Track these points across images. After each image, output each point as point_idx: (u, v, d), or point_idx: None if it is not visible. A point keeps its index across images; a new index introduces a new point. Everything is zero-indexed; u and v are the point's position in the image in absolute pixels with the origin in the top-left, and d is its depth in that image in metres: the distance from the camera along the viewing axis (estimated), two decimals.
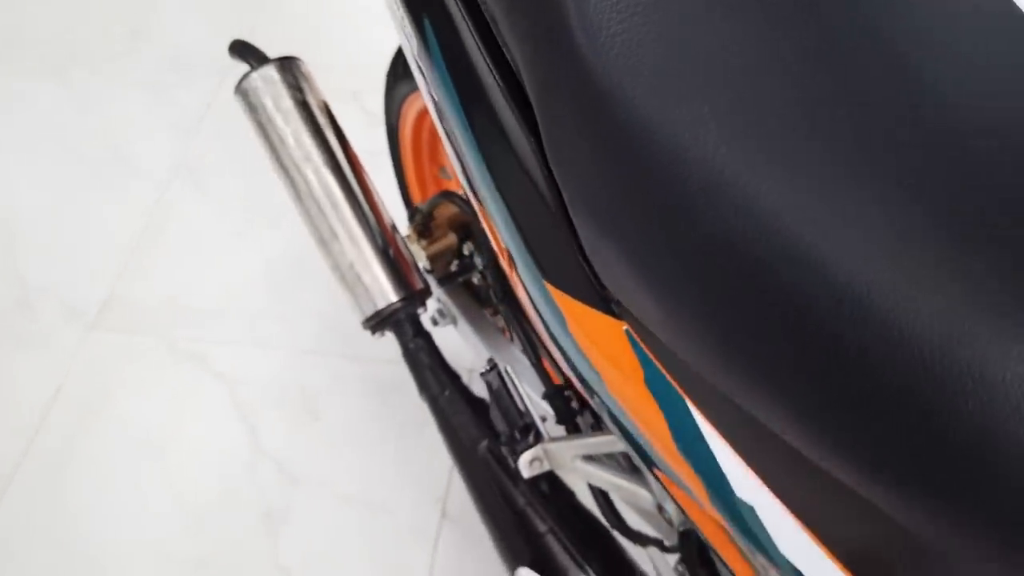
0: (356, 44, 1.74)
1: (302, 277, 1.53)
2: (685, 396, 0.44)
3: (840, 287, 0.33)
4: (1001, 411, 0.31)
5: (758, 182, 0.34)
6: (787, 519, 0.44)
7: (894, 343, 0.32)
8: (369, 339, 1.44)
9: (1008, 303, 0.32)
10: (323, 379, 1.42)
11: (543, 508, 0.75)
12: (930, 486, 0.33)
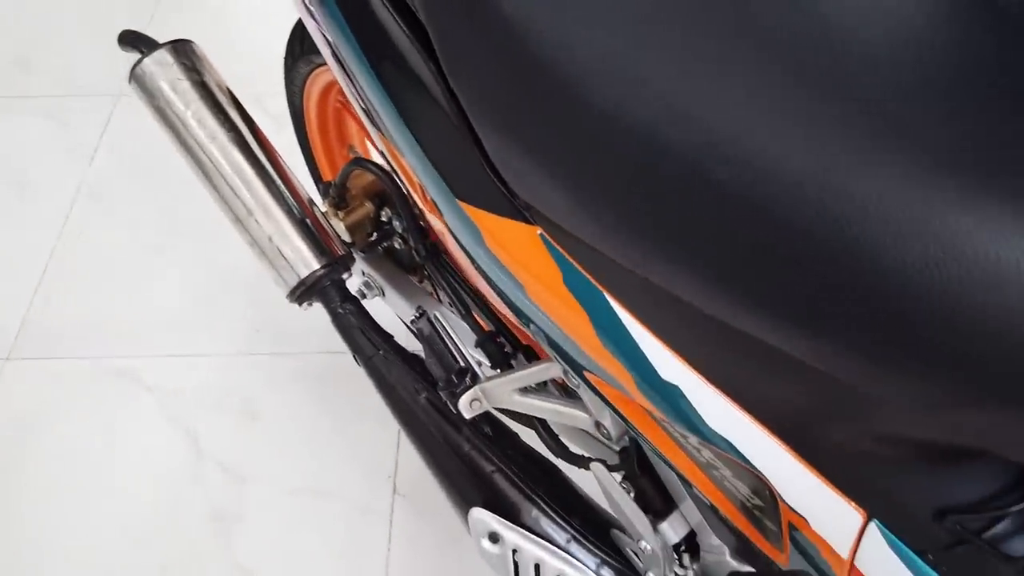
0: (255, 51, 1.72)
1: (222, 283, 1.51)
2: (603, 289, 0.46)
3: (727, 144, 0.36)
4: (886, 240, 0.34)
5: (645, 58, 0.37)
6: (711, 394, 0.47)
7: (781, 187, 0.35)
8: (300, 335, 1.45)
9: (867, 141, 0.36)
10: (258, 379, 1.41)
11: (489, 449, 0.77)
12: (851, 328, 0.36)
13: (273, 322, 1.47)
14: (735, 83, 0.36)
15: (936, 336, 0.34)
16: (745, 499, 0.52)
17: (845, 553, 0.48)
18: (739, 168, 0.34)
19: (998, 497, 0.43)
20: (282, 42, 0.99)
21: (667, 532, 0.67)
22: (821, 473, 0.46)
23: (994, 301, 0.32)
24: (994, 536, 0.43)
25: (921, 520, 0.45)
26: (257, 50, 1.64)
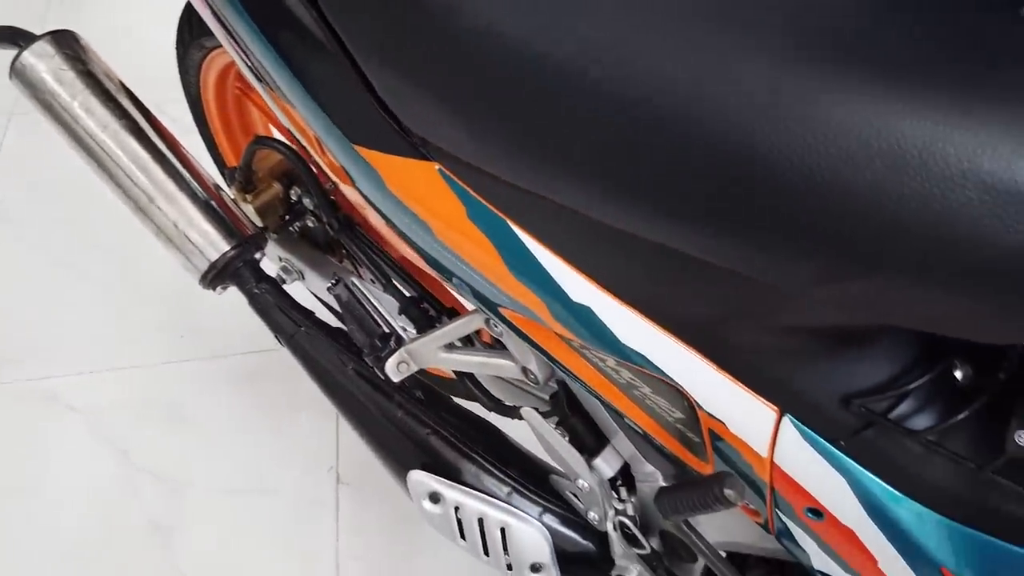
0: (147, 60, 1.68)
1: (139, 293, 1.47)
2: (506, 218, 0.47)
3: (601, 49, 0.36)
4: (764, 128, 0.35)
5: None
6: (621, 310, 0.48)
7: (660, 85, 0.36)
8: (225, 337, 1.41)
9: (740, 37, 0.37)
10: (185, 386, 1.37)
11: (423, 413, 0.77)
12: (738, 216, 0.37)
13: (195, 327, 1.43)
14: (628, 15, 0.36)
15: (815, 214, 0.35)
16: (667, 414, 0.54)
17: (764, 451, 0.50)
18: (614, 70, 0.35)
19: (899, 377, 0.46)
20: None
21: (602, 468, 0.68)
22: (732, 375, 0.48)
23: (861, 178, 0.34)
24: (899, 415, 0.46)
25: (830, 409, 0.47)
26: (162, 52, 1.59)
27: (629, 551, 0.72)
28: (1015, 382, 0.45)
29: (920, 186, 0.33)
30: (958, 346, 0.46)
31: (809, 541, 0.54)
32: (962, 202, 0.33)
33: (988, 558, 0.45)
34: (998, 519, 0.44)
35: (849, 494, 0.48)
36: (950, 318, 0.37)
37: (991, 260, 0.33)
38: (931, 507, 0.46)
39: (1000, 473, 0.43)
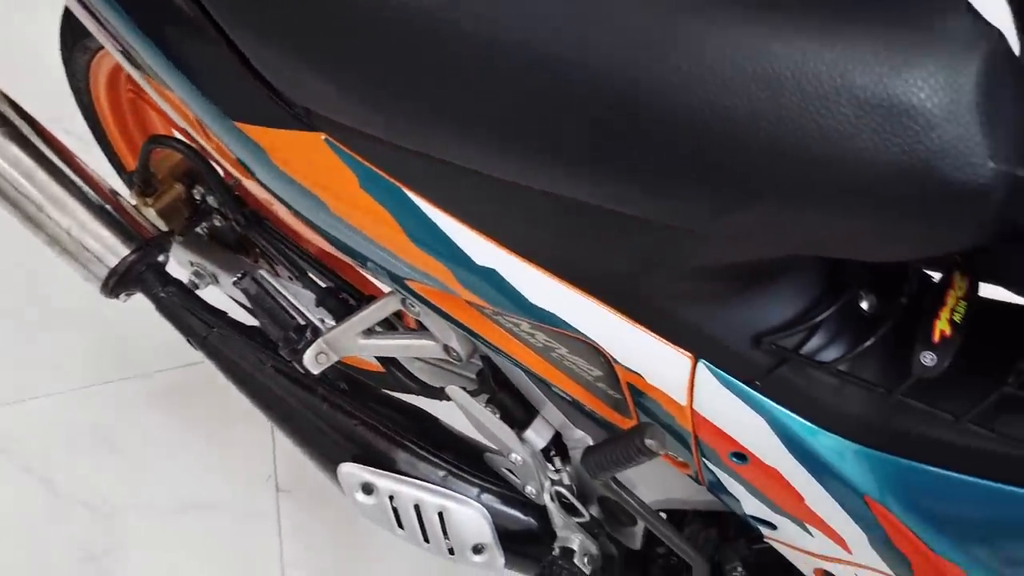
0: (50, 74, 1.61)
1: (49, 319, 1.40)
2: (399, 184, 0.46)
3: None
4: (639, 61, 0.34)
5: None
6: (527, 269, 0.47)
7: (535, 27, 0.35)
8: (146, 355, 1.36)
9: None
10: (109, 408, 1.32)
11: (349, 404, 0.75)
12: (623, 153, 0.36)
13: (113, 348, 1.38)
14: None
15: (699, 146, 0.35)
16: (586, 373, 0.53)
17: (683, 400, 0.50)
18: (487, 18, 0.34)
19: (807, 312, 0.46)
20: None
21: (533, 439, 0.67)
22: (645, 325, 0.47)
23: (740, 104, 0.34)
24: (810, 349, 0.46)
25: (742, 350, 0.47)
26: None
27: (569, 521, 0.71)
28: (916, 306, 0.45)
29: (796, 107, 0.33)
30: (862, 277, 0.47)
31: (738, 486, 0.54)
32: (838, 120, 0.33)
33: (906, 481, 0.46)
34: (911, 441, 0.45)
35: (769, 434, 0.48)
36: (842, 240, 0.37)
37: (870, 176, 0.33)
38: (848, 437, 0.47)
39: (909, 395, 0.44)
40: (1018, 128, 0.34)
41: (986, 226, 0.35)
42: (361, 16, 0.37)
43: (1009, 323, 0.46)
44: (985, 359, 0.44)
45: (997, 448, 0.42)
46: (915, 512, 0.46)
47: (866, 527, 0.49)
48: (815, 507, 0.50)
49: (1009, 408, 0.42)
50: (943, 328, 0.44)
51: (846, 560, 0.53)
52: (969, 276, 0.46)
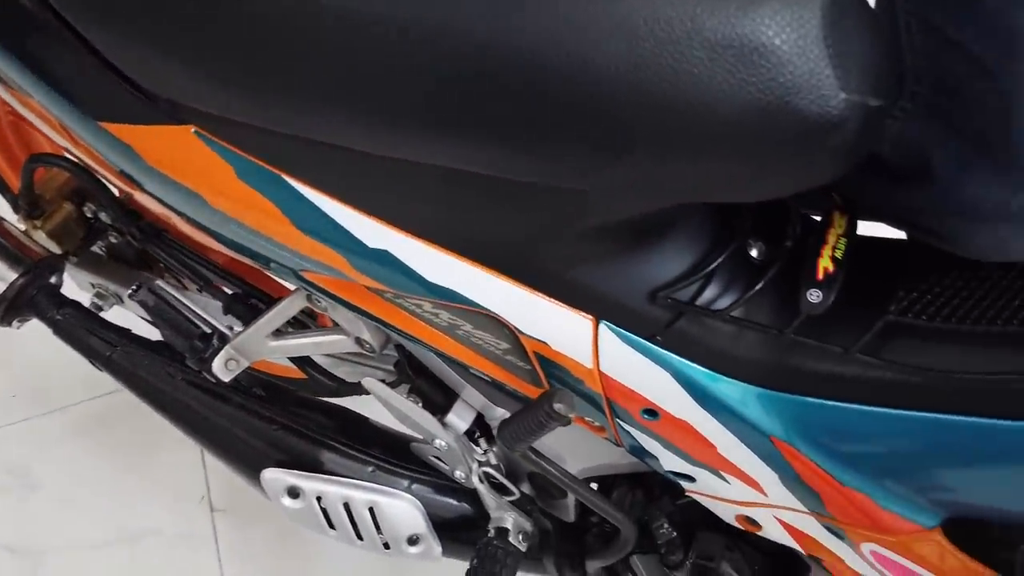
0: None
1: None
2: (278, 171, 0.45)
3: None
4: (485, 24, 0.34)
5: None
6: (420, 248, 0.47)
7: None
8: (62, 388, 1.31)
9: None
10: (26, 447, 1.27)
11: (267, 409, 0.73)
12: (497, 117, 0.36)
13: (27, 384, 1.32)
14: None
15: (566, 101, 0.35)
16: (494, 347, 0.53)
17: (589, 362, 0.50)
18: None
19: (699, 263, 0.47)
20: None
21: (456, 423, 0.67)
22: (543, 292, 0.48)
23: (599, 55, 0.34)
24: (705, 300, 0.47)
25: (640, 306, 0.47)
26: None
27: (501, 500, 0.71)
28: (801, 248, 0.47)
29: (652, 55, 0.33)
30: (749, 225, 0.48)
31: (654, 443, 0.55)
32: (693, 64, 0.33)
33: (806, 417, 0.47)
34: (806, 377, 0.46)
35: (676, 387, 0.49)
36: (715, 183, 0.38)
37: (730, 118, 0.34)
38: (748, 381, 0.48)
39: (800, 333, 0.45)
40: (867, 59, 0.35)
41: (846, 156, 0.36)
42: None
43: (887, 255, 0.47)
44: (868, 291, 0.45)
45: (885, 375, 0.44)
46: (818, 447, 0.48)
47: (776, 467, 0.50)
48: (727, 454, 0.52)
49: (893, 335, 0.44)
50: (826, 265, 0.45)
51: (763, 503, 0.54)
52: (848, 215, 0.48)
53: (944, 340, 0.43)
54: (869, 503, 0.48)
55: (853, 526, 0.50)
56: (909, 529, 0.48)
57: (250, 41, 0.37)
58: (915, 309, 0.43)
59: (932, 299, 0.43)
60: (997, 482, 0.44)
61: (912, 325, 0.43)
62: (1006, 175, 0.36)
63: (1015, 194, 0.36)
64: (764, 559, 0.63)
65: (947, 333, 0.42)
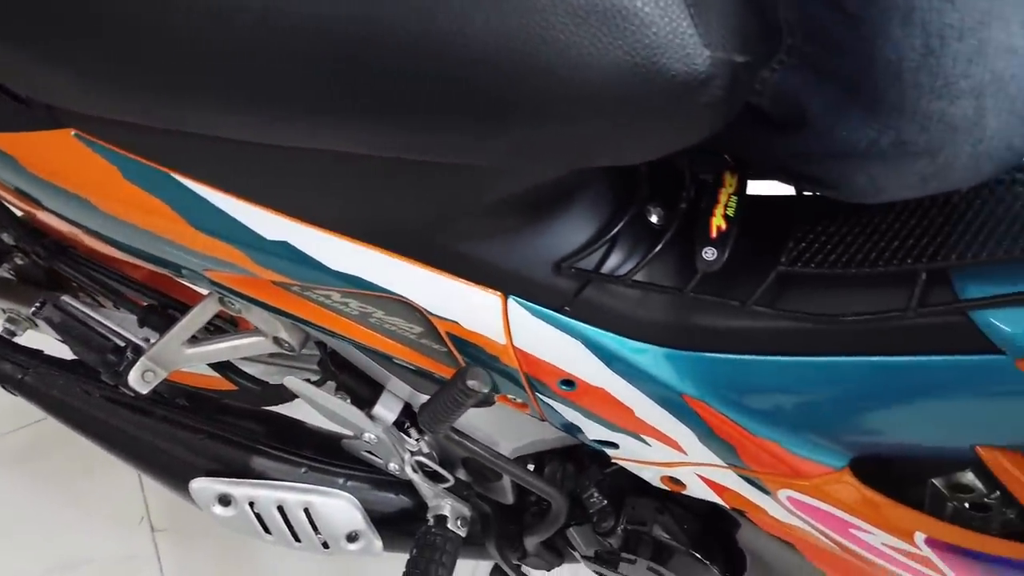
0: None
1: None
2: (167, 170, 0.44)
3: None
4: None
5: None
6: (319, 236, 0.47)
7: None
8: None
9: None
10: None
11: (192, 419, 0.72)
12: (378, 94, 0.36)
13: None
14: None
15: (438, 76, 0.35)
16: (408, 332, 0.53)
17: (502, 339, 0.50)
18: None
19: (600, 231, 0.48)
20: None
21: (383, 415, 0.67)
22: (448, 271, 0.48)
23: (471, 27, 0.34)
24: (609, 267, 0.48)
25: (546, 279, 0.48)
26: None
27: (436, 488, 0.72)
28: (696, 209, 0.48)
29: (518, 23, 0.34)
30: (647, 191, 0.49)
31: (575, 413, 0.55)
32: (559, 31, 0.34)
33: (713, 372, 0.48)
34: (709, 334, 0.47)
35: (588, 355, 0.50)
36: (597, 147, 0.39)
37: (601, 81, 0.35)
38: (655, 343, 0.49)
39: (699, 291, 0.46)
40: (729, 16, 0.36)
41: (718, 111, 0.37)
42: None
43: (777, 210, 0.49)
44: (760, 245, 0.47)
45: (781, 324, 0.45)
46: (727, 400, 0.49)
47: (691, 425, 0.51)
48: (645, 417, 0.53)
49: (786, 285, 0.45)
50: (719, 224, 0.47)
51: (684, 462, 0.56)
52: (739, 174, 0.49)
53: (832, 285, 0.44)
54: (780, 450, 0.50)
55: (768, 474, 0.52)
56: (819, 472, 0.50)
57: (119, 35, 0.36)
58: (804, 258, 0.45)
59: (820, 247, 0.45)
60: (894, 419, 0.46)
61: (802, 274, 0.44)
62: (874, 115, 0.38)
63: (883, 133, 0.38)
64: (694, 519, 0.64)
65: (834, 278, 0.44)
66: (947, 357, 0.41)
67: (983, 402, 0.42)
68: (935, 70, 0.34)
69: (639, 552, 0.65)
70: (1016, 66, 0.34)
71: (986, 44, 0.34)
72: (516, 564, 0.79)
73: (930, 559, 0.49)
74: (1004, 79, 0.34)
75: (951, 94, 0.35)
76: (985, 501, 0.52)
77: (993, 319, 0.39)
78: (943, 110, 0.35)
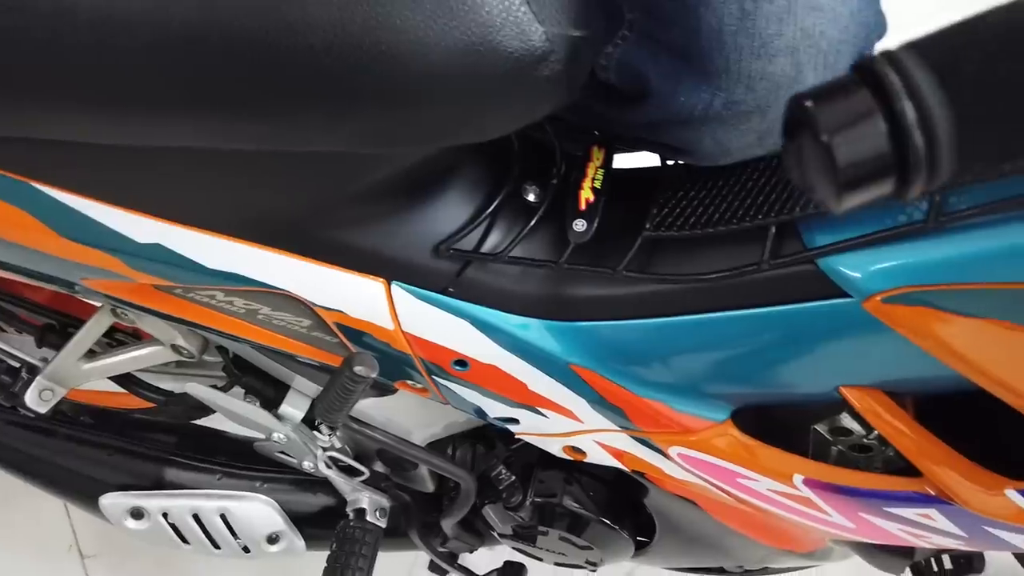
0: None
1: None
2: (27, 180, 0.43)
3: None
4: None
5: None
6: (192, 236, 0.47)
7: None
8: None
9: None
10: None
11: (97, 436, 0.71)
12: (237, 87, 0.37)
13: None
14: None
15: (278, 69, 0.36)
16: (297, 326, 0.54)
17: (390, 324, 0.51)
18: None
19: (477, 212, 0.49)
20: None
21: (290, 413, 0.67)
22: (327, 262, 0.49)
23: (311, 20, 0.35)
24: (489, 247, 0.49)
25: (427, 262, 0.49)
26: None
27: (353, 483, 0.72)
28: (565, 183, 0.50)
29: (355, 10, 0.35)
30: (518, 170, 0.50)
31: (472, 393, 0.57)
32: (395, 15, 0.35)
33: (594, 340, 0.50)
34: (584, 303, 0.49)
35: (476, 334, 0.51)
36: (447, 126, 0.40)
37: (442, 63, 0.36)
38: (537, 316, 0.50)
39: (572, 262, 0.48)
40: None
41: (561, 85, 0.39)
42: None
43: (643, 180, 0.51)
44: (627, 214, 0.48)
45: (650, 288, 0.47)
46: (610, 366, 0.51)
47: (581, 393, 0.53)
48: (538, 390, 0.54)
49: (653, 250, 0.47)
50: (587, 196, 0.48)
51: (581, 430, 0.57)
52: (605, 148, 0.51)
53: (693, 246, 0.46)
54: (665, 408, 0.52)
55: (658, 433, 0.54)
56: (704, 426, 0.52)
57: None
58: (667, 222, 0.47)
59: (681, 211, 0.47)
60: (761, 369, 0.48)
61: (667, 237, 0.46)
62: (705, 80, 0.40)
63: (715, 96, 0.40)
64: (602, 487, 0.66)
65: (695, 239, 0.46)
66: (801, 305, 0.44)
67: (838, 345, 0.45)
68: (751, 31, 0.37)
69: (554, 524, 0.67)
70: (823, 22, 0.36)
71: (794, 3, 0.36)
72: (451, 554, 0.80)
73: (810, 499, 0.52)
74: (814, 35, 0.37)
75: (768, 53, 0.37)
76: (865, 442, 0.55)
77: (838, 264, 0.42)
78: (763, 69, 0.38)
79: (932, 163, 0.22)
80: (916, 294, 0.40)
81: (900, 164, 0.22)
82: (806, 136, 0.23)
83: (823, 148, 0.23)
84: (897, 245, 0.40)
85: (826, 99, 0.24)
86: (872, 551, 0.66)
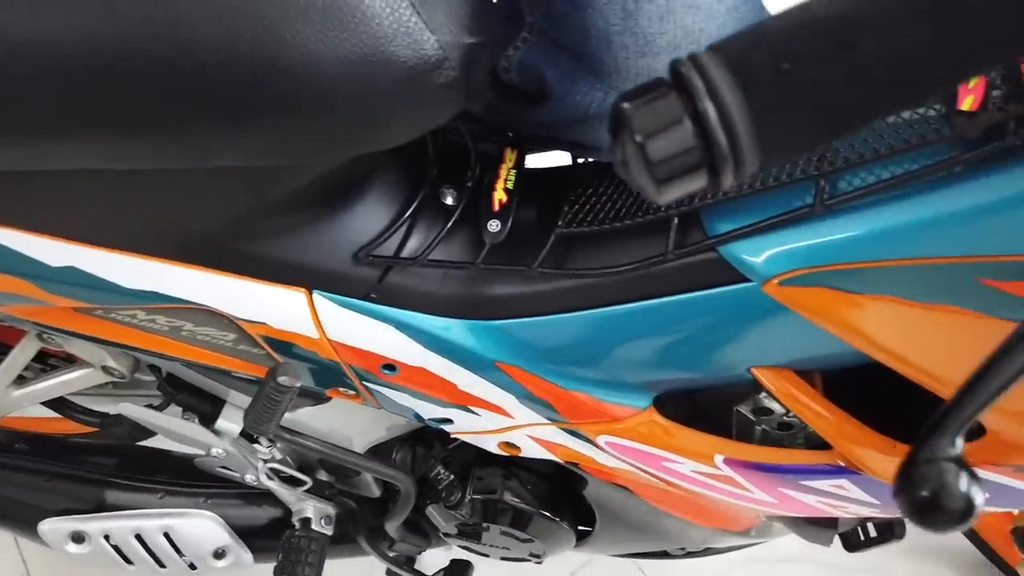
0: None
1: None
2: None
3: None
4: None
5: None
6: (105, 256, 0.47)
7: None
8: None
9: None
10: None
11: (33, 462, 0.70)
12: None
13: None
14: None
15: (175, 89, 0.36)
16: (223, 340, 0.54)
17: (315, 333, 0.52)
18: None
19: (394, 218, 0.50)
20: None
21: (227, 427, 0.67)
22: (246, 275, 0.49)
23: (206, 38, 0.35)
24: (408, 252, 0.50)
25: (347, 269, 0.50)
26: None
27: (296, 492, 0.72)
28: (479, 185, 0.51)
29: (245, 28, 0.35)
30: (435, 174, 0.51)
31: (404, 396, 0.58)
32: (286, 31, 0.36)
33: (515, 337, 0.51)
34: (503, 301, 0.50)
35: (401, 337, 0.52)
36: (349, 136, 0.41)
37: (335, 75, 0.36)
38: (459, 316, 0.51)
39: (489, 262, 0.49)
40: (454, 2, 0.39)
41: (459, 91, 0.40)
42: None
43: (554, 179, 0.52)
44: (540, 212, 0.50)
45: (564, 283, 0.49)
46: (533, 361, 0.52)
47: (509, 389, 0.54)
48: (467, 389, 0.55)
49: (566, 246, 0.49)
50: (500, 197, 0.50)
51: (513, 425, 0.58)
52: (517, 149, 0.52)
53: (604, 241, 0.48)
54: (590, 399, 0.53)
55: (585, 423, 0.55)
56: (627, 414, 0.53)
57: None
58: (579, 219, 0.48)
59: (591, 207, 0.48)
60: (676, 355, 0.50)
61: (579, 233, 0.48)
62: (598, 78, 0.41)
63: (608, 93, 0.41)
64: (541, 481, 0.67)
65: (605, 234, 0.47)
66: (706, 291, 0.45)
67: (744, 328, 0.47)
68: (635, 30, 0.38)
69: (496, 520, 0.68)
70: (701, 20, 0.38)
71: (672, 2, 0.38)
72: (407, 558, 0.81)
73: (732, 477, 0.54)
74: (694, 32, 0.38)
75: (652, 51, 0.39)
76: (785, 419, 0.57)
77: (737, 251, 0.44)
78: (650, 66, 0.39)
79: (736, 158, 0.24)
80: (810, 275, 0.42)
81: (708, 160, 0.24)
82: (625, 136, 0.25)
83: (638, 147, 0.25)
84: (789, 229, 0.42)
85: (640, 101, 0.25)
86: (801, 524, 0.69)
